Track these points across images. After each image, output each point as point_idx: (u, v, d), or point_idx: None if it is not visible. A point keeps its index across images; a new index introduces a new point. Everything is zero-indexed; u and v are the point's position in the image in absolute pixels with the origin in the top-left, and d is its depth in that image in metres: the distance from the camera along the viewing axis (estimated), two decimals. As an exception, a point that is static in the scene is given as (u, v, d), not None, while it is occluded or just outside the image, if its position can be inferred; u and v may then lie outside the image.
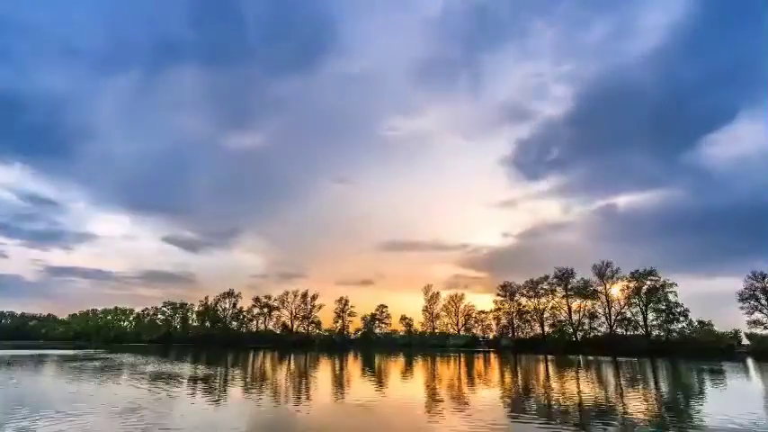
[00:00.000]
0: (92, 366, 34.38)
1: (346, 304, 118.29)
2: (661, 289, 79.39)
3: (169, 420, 13.05)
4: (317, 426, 12.86)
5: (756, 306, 72.04)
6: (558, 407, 16.71)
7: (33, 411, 13.92)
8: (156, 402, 16.33)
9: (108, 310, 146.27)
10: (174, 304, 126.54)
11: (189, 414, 14.34)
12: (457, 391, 21.42)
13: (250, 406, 16.38)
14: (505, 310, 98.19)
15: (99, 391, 19.36)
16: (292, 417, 14.25)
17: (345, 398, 19.19)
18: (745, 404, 18.75)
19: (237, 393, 20.12)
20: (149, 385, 21.75)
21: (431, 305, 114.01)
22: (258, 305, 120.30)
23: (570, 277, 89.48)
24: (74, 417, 13.19)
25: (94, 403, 15.82)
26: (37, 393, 18.79)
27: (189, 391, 20.39)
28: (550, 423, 13.41)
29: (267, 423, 13.25)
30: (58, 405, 15.18)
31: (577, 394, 20.78)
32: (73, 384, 22.02)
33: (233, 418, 14.03)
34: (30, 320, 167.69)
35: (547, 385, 24.70)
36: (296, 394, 20.02)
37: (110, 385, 21.90)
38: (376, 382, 26.01)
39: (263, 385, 23.32)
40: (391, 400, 18.48)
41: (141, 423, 12.39)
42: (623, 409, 16.11)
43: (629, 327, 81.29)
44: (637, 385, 25.53)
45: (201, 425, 12.59)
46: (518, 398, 19.32)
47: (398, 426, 13.28)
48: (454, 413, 15.03)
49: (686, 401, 19.12)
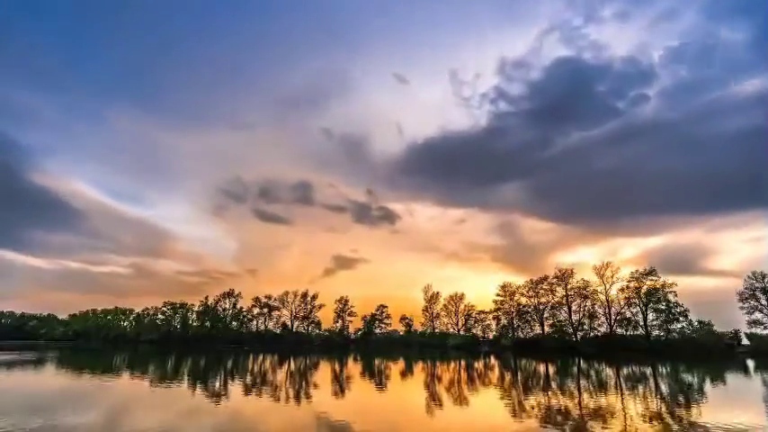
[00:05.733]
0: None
1: (346, 304, 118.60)
2: (661, 289, 79.42)
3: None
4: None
5: (756, 306, 72.08)
6: (560, 415, 16.68)
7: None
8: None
9: (108, 310, 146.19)
10: (174, 304, 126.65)
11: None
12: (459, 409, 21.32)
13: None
14: (505, 310, 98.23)
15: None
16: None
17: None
18: (745, 405, 18.72)
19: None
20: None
21: (431, 305, 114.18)
22: (258, 305, 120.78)
23: (570, 277, 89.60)
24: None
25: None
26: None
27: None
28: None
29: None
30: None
31: (577, 401, 20.77)
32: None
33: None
34: (30, 320, 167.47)
35: (549, 397, 24.69)
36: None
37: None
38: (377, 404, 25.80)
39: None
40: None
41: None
42: (623, 413, 16.09)
43: (629, 327, 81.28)
44: (637, 387, 25.52)
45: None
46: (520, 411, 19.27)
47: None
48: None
49: (686, 404, 19.09)
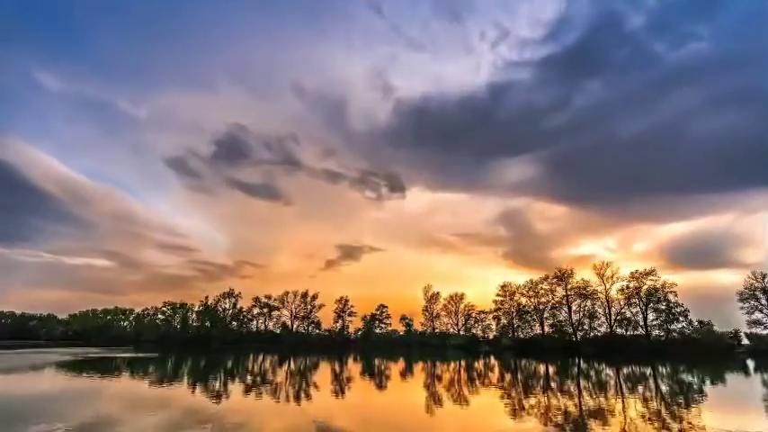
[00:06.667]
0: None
1: (346, 304, 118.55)
2: (661, 289, 79.40)
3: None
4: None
5: (756, 306, 72.06)
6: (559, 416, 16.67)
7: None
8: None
9: (108, 310, 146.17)
10: (174, 304, 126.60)
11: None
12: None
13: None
14: (505, 309, 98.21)
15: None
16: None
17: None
18: (744, 407, 18.71)
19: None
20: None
21: (431, 305, 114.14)
22: (258, 305, 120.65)
23: (570, 277, 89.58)
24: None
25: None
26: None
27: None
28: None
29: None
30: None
31: (577, 403, 20.76)
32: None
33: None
34: (30, 320, 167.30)
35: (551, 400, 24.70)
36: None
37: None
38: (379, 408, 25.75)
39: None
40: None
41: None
42: (623, 413, 16.08)
43: (629, 327, 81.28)
44: (636, 388, 25.51)
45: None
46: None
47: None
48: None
49: (686, 405, 19.08)
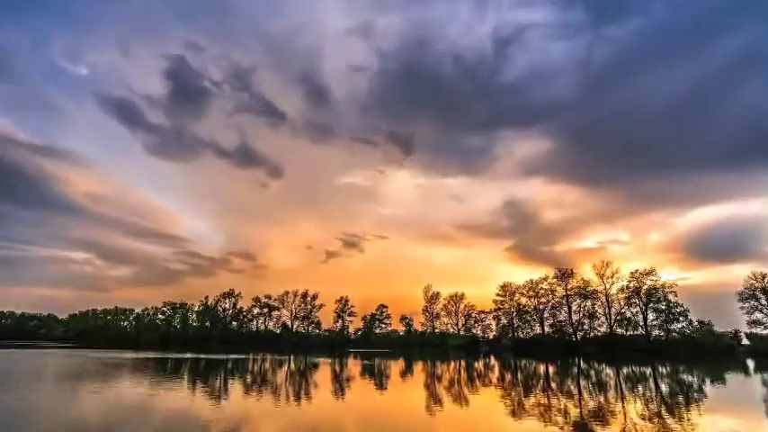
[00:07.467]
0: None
1: (346, 304, 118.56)
2: (661, 289, 79.42)
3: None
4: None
5: (756, 306, 72.09)
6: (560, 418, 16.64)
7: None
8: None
9: (108, 310, 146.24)
10: (174, 304, 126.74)
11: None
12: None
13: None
14: (505, 310, 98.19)
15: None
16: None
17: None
18: (744, 407, 18.68)
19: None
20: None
21: (431, 305, 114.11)
22: (258, 305, 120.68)
23: (570, 277, 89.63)
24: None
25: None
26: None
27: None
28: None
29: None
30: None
31: (578, 404, 20.72)
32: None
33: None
34: (30, 320, 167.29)
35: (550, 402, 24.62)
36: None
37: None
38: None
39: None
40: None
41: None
42: (623, 413, 16.04)
43: (629, 327, 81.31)
44: (636, 388, 25.47)
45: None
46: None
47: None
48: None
49: (686, 405, 19.05)
